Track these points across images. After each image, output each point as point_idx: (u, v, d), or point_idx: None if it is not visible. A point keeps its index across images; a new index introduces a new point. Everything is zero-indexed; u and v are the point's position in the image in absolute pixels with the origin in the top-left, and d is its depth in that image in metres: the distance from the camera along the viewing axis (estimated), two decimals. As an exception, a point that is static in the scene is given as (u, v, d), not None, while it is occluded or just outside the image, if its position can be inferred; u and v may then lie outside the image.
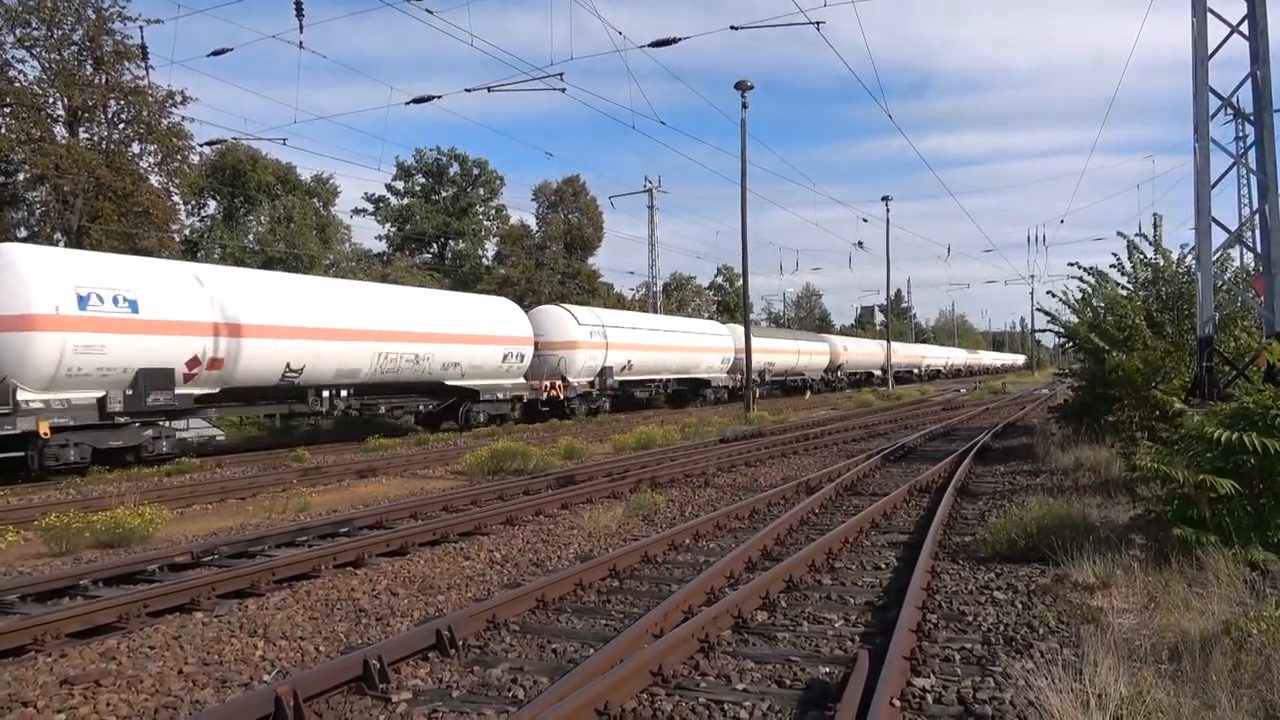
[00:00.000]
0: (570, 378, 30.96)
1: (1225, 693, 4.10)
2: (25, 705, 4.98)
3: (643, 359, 35.57)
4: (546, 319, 31.86)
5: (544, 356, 30.62)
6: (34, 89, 29.07)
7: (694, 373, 40.56)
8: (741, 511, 10.54)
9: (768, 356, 46.02)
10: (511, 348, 27.89)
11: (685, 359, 39.53)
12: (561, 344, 31.30)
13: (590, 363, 32.01)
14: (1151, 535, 7.38)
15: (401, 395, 25.18)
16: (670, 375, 38.52)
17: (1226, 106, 11.07)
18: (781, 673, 5.20)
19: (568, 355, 31.28)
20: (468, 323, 26.21)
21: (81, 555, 9.50)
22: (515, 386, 28.25)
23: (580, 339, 31.56)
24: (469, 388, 26.36)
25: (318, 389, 21.48)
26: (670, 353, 38.05)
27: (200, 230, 43.05)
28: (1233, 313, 12.89)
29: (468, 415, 26.34)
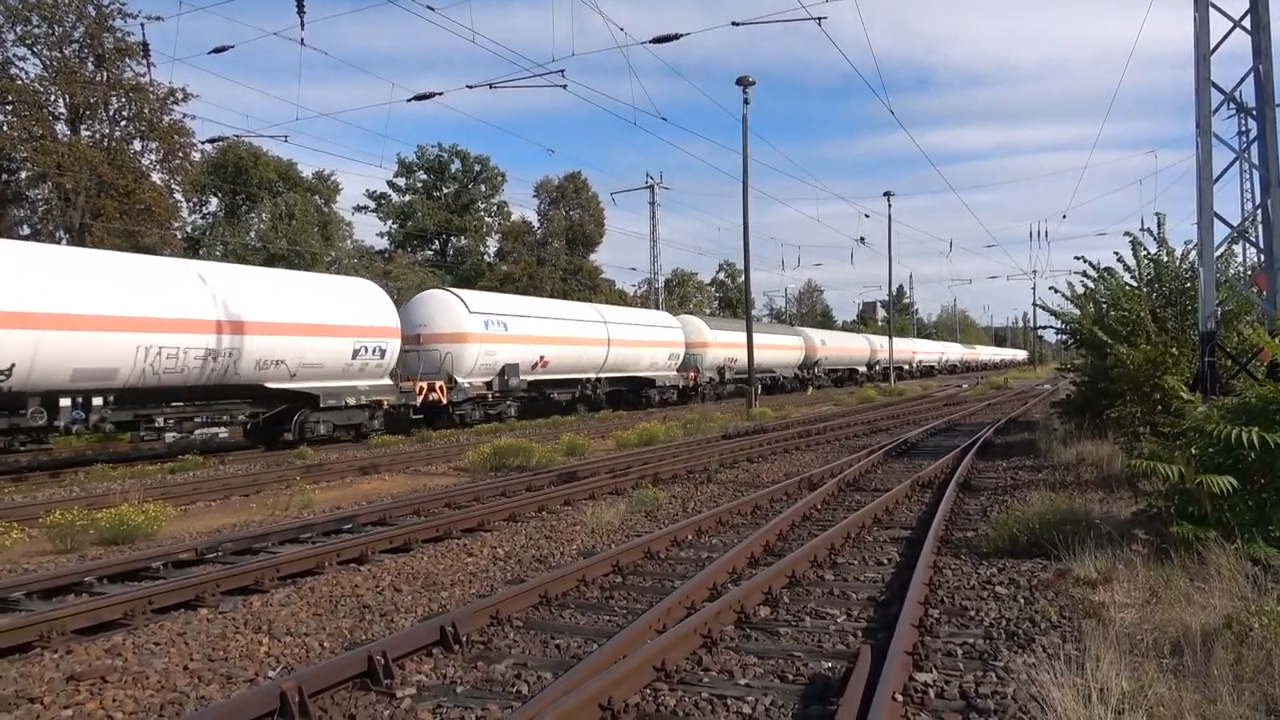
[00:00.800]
0: (460, 377, 25.52)
1: (1227, 687, 4.12)
2: (32, 701, 5.01)
3: (562, 354, 29.99)
4: (428, 306, 26.62)
5: (424, 352, 25.44)
6: (35, 86, 29.14)
7: (634, 370, 34.81)
8: (744, 507, 10.56)
9: (727, 352, 41.73)
10: (366, 340, 21.92)
11: (622, 355, 33.47)
12: (448, 336, 25.70)
13: (486, 359, 26.38)
14: (1153, 530, 7.39)
15: (200, 401, 19.07)
16: (600, 374, 32.76)
17: (1229, 101, 11.04)
18: (784, 668, 5.22)
19: (455, 350, 25.59)
20: (299, 309, 20.33)
21: (86, 552, 9.53)
22: (374, 389, 22.18)
23: (471, 330, 25.93)
24: (302, 391, 20.40)
25: (45, 396, 15.68)
26: (599, 347, 32.02)
27: (202, 228, 43.10)
28: (1236, 308, 12.88)
29: (303, 426, 20.29)
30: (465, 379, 25.81)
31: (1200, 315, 10.32)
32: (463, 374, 25.75)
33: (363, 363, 22.01)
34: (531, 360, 28.41)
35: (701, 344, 40.68)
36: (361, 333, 21.91)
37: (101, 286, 16.56)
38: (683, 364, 38.50)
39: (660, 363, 36.87)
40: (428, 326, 25.82)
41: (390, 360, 23.00)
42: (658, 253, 53.36)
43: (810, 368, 53.99)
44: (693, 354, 39.73)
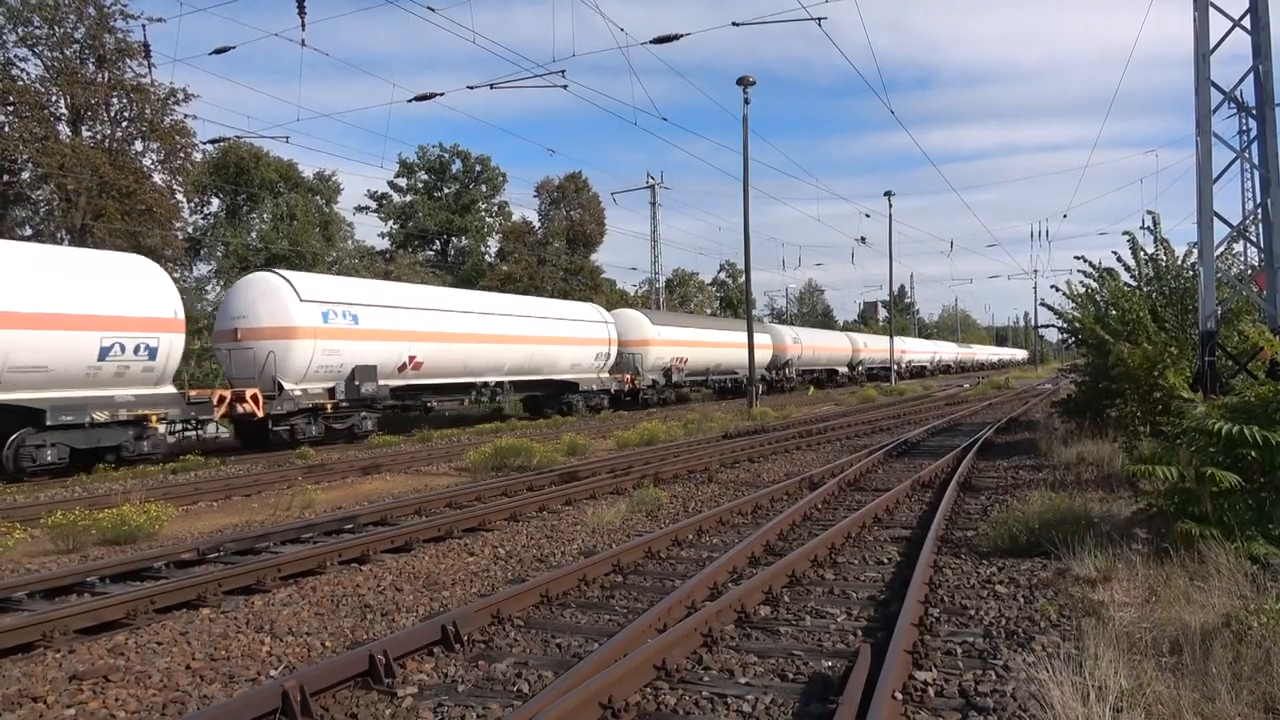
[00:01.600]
0: (288, 383, 20.42)
1: (1225, 685, 4.13)
2: (35, 700, 5.03)
3: (442, 354, 24.76)
4: (247, 293, 21.20)
5: (237, 351, 20.57)
6: (37, 87, 29.16)
7: (550, 372, 29.91)
8: (744, 507, 10.57)
9: (676, 351, 37.19)
10: (124, 336, 16.94)
11: (534, 354, 28.72)
12: (271, 331, 20.45)
13: (326, 360, 21.14)
14: (1153, 529, 7.41)
15: None
16: (506, 377, 27.73)
17: (1229, 101, 11.06)
18: (784, 666, 5.24)
19: (280, 348, 20.35)
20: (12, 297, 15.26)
21: (88, 552, 9.56)
22: (141, 401, 17.21)
23: (302, 323, 20.67)
24: (12, 405, 15.44)
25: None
26: (499, 345, 26.94)
27: (203, 228, 43.13)
28: (1236, 308, 12.89)
29: (18, 452, 15.34)
30: (295, 385, 20.50)
31: (1200, 314, 10.33)
32: (292, 378, 20.45)
33: (119, 365, 16.79)
34: (396, 361, 23.10)
35: (641, 342, 35.61)
36: (116, 325, 16.74)
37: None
38: (617, 365, 33.80)
39: (585, 363, 31.62)
40: (246, 319, 20.56)
41: (167, 362, 17.83)
42: (659, 253, 53.41)
43: (780, 368, 48.74)
44: (630, 353, 34.92)
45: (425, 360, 24.26)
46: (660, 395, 37.06)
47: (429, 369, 24.57)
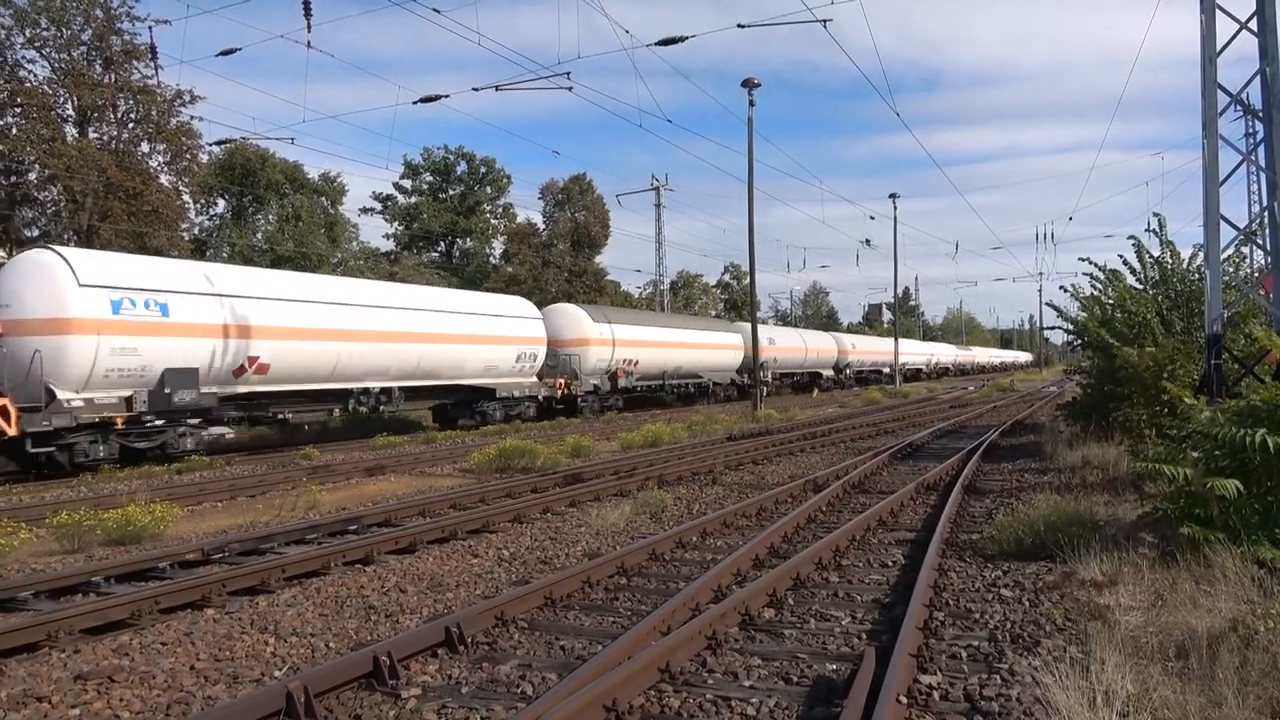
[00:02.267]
0: (62, 391, 15.94)
1: (1232, 690, 4.11)
2: (40, 700, 5.04)
3: (301, 354, 20.25)
4: (14, 276, 16.70)
5: (4, 350, 16.15)
6: (44, 89, 29.29)
7: (457, 376, 25.59)
8: (749, 509, 10.56)
9: (625, 352, 32.92)
10: None
11: (434, 354, 24.34)
12: (40, 325, 15.99)
13: (118, 361, 16.66)
14: (1159, 533, 7.38)
15: None
16: (397, 381, 23.40)
17: (1236, 103, 11.03)
18: (789, 669, 5.23)
19: (52, 345, 15.91)
20: None
21: (93, 552, 9.58)
22: None
23: (82, 314, 16.23)
24: None
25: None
26: (385, 344, 22.45)
27: (209, 229, 43.24)
28: (1242, 311, 12.85)
29: None
30: (74, 393, 16.14)
31: (1207, 318, 10.30)
32: (68, 384, 16.11)
33: None
34: (230, 363, 18.78)
35: (579, 341, 31.18)
36: None
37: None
38: (552, 368, 30.08)
39: (503, 365, 26.99)
40: (9, 308, 16.22)
41: None
42: (663, 254, 53.42)
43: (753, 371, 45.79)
44: (566, 354, 30.79)
45: (273, 362, 19.48)
46: (603, 402, 32.55)
47: (279, 373, 19.79)
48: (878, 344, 67.53)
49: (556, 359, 30.58)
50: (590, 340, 31.96)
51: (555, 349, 30.40)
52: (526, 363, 28.41)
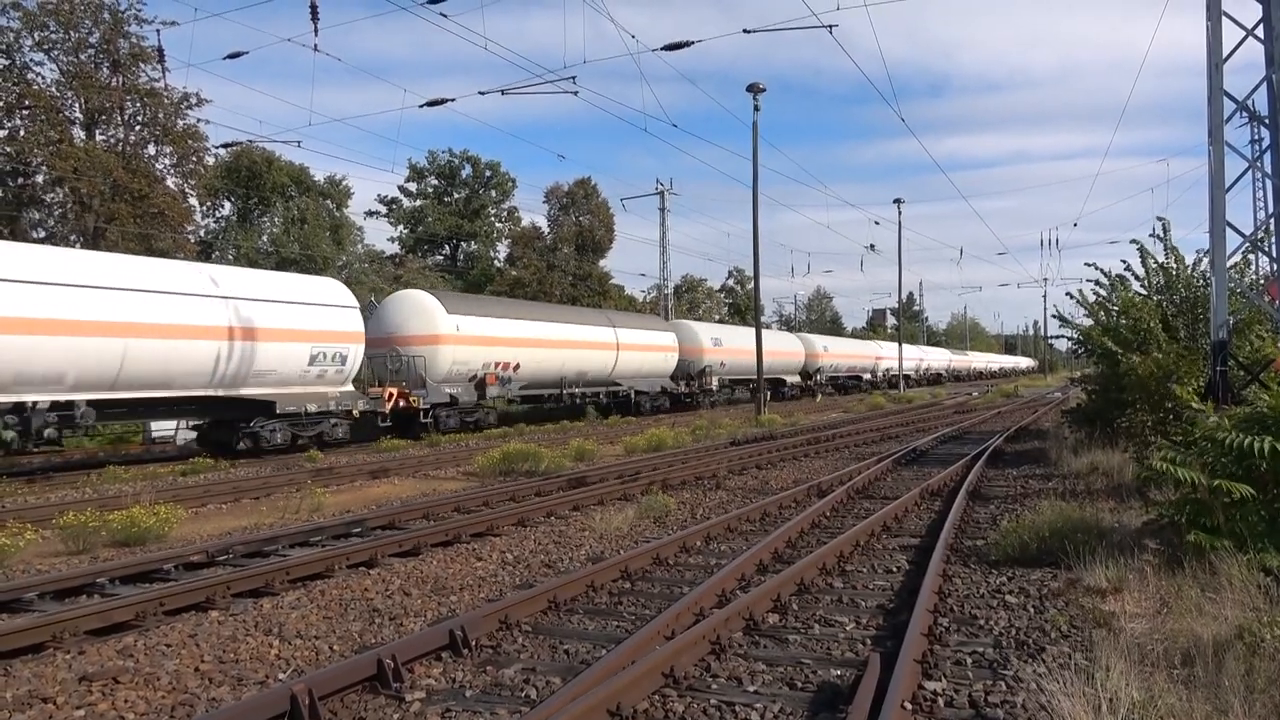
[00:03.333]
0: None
1: (1238, 698, 4.10)
2: (45, 701, 5.05)
3: None
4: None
5: None
6: (52, 91, 29.42)
7: (214, 386, 18.57)
8: (753, 514, 10.55)
9: (491, 353, 26.21)
10: None
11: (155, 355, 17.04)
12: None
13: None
14: (1164, 540, 7.36)
15: None
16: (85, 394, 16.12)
17: (1242, 110, 11.02)
18: (793, 675, 5.22)
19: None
20: None
21: (98, 554, 9.60)
22: None
23: None
24: None
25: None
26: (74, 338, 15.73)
27: (215, 231, 43.36)
28: (1247, 318, 12.82)
29: None
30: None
31: (1212, 324, 10.28)
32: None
33: None
34: None
35: (427, 338, 24.57)
36: None
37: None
38: (397, 372, 23.88)
39: (290, 371, 20.18)
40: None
41: None
42: (667, 259, 53.45)
43: (695, 377, 38.03)
44: (410, 356, 24.13)
45: None
46: (465, 417, 25.41)
47: None
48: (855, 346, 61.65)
49: (401, 362, 24.21)
50: (442, 338, 24.84)
51: (400, 350, 24.39)
52: (332, 366, 21.31)
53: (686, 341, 38.21)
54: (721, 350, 40.17)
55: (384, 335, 24.62)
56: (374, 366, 23.99)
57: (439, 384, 24.67)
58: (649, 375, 35.35)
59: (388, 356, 24.13)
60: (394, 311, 25.52)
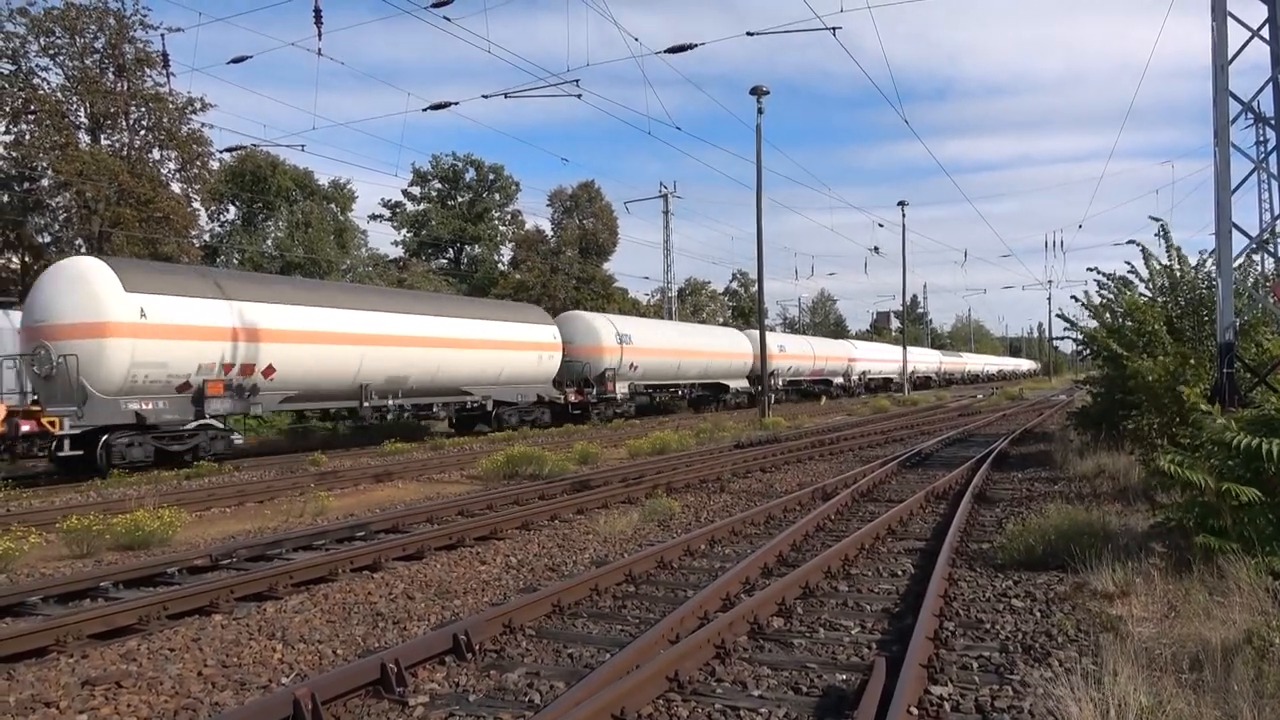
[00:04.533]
0: None
1: (1247, 703, 4.06)
2: (48, 706, 5.04)
3: None
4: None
5: None
6: (57, 96, 29.49)
7: None
8: (757, 517, 10.52)
9: (209, 349, 18.48)
10: None
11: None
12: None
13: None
14: (1171, 543, 7.32)
15: None
16: None
17: (1247, 111, 10.98)
18: (798, 679, 5.19)
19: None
20: None
21: (102, 557, 9.59)
22: None
23: None
24: None
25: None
26: None
27: (220, 236, 43.43)
28: (1254, 319, 12.76)
29: None
30: None
31: (1218, 326, 10.23)
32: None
33: None
34: None
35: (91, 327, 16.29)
36: None
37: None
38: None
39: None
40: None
41: None
42: (671, 261, 53.42)
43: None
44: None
45: None
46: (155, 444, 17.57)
47: None
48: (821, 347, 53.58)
49: (571, 366, 30.84)
50: (111, 327, 17.76)
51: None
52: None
53: (583, 340, 31.96)
54: (633, 350, 33.46)
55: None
56: None
57: (115, 396, 17.05)
58: (536, 380, 29.33)
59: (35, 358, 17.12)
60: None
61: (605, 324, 33.61)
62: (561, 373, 30.76)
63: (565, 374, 31.19)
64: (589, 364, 32.05)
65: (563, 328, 31.26)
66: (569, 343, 31.08)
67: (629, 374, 33.52)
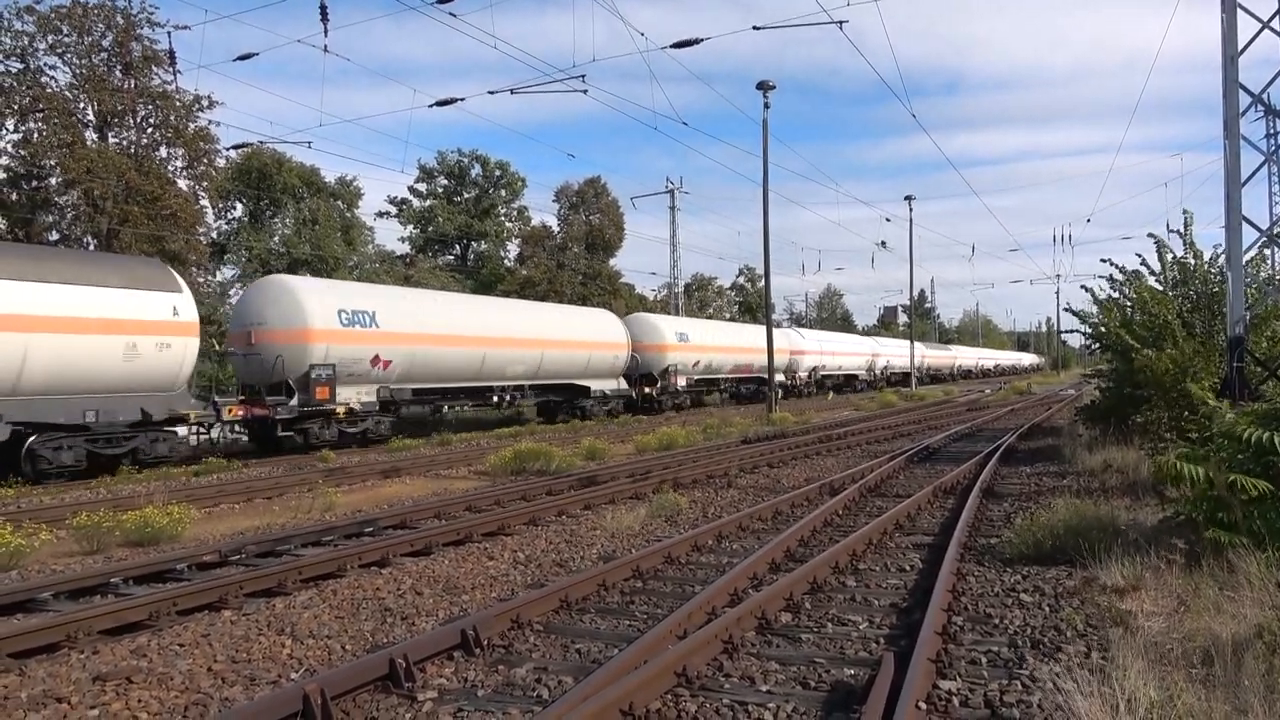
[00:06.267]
0: None
1: (1258, 697, 4.05)
2: (59, 701, 5.07)
3: None
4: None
5: None
6: (65, 94, 29.59)
7: None
8: (764, 513, 10.51)
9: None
10: None
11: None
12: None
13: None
14: (1181, 537, 7.28)
15: None
16: None
17: (1257, 104, 10.91)
18: (806, 674, 5.19)
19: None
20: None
21: (112, 554, 9.64)
22: None
23: None
24: None
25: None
26: None
27: (227, 233, 43.55)
28: (1265, 313, 12.70)
29: None
30: None
31: (1229, 320, 10.18)
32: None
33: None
34: None
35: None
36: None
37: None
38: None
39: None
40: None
41: None
42: (677, 257, 53.38)
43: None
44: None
45: None
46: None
47: None
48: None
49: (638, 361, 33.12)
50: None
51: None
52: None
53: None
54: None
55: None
56: None
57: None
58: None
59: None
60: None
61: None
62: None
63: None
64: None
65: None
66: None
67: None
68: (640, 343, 34.21)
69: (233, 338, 21.57)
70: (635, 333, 34.28)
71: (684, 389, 36.69)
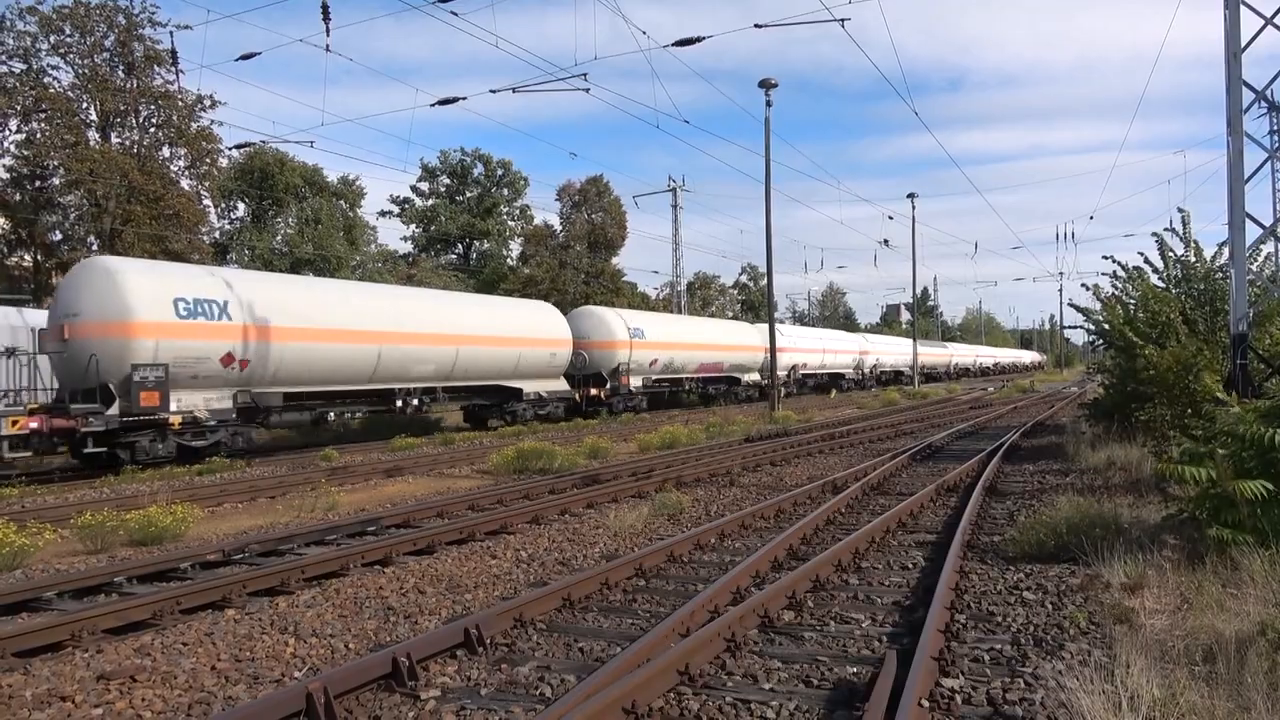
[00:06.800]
0: None
1: (1261, 695, 4.04)
2: (63, 700, 5.08)
3: None
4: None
5: None
6: (68, 95, 29.64)
7: None
8: (767, 511, 10.51)
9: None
10: None
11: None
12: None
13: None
14: (1184, 535, 7.28)
15: None
16: None
17: (1261, 100, 10.88)
18: (809, 672, 5.19)
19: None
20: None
21: (116, 553, 9.66)
22: None
23: None
24: None
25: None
26: None
27: (229, 233, 43.59)
28: (1268, 310, 12.68)
29: None
30: None
31: (1231, 317, 10.16)
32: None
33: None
34: None
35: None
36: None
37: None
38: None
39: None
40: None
41: None
42: (680, 256, 53.38)
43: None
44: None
45: None
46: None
47: None
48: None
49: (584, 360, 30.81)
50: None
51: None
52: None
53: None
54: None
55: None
56: None
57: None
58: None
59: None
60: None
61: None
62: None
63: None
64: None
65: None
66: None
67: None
68: (587, 339, 31.32)
69: (46, 334, 18.04)
70: (582, 328, 31.32)
71: (639, 390, 33.46)
